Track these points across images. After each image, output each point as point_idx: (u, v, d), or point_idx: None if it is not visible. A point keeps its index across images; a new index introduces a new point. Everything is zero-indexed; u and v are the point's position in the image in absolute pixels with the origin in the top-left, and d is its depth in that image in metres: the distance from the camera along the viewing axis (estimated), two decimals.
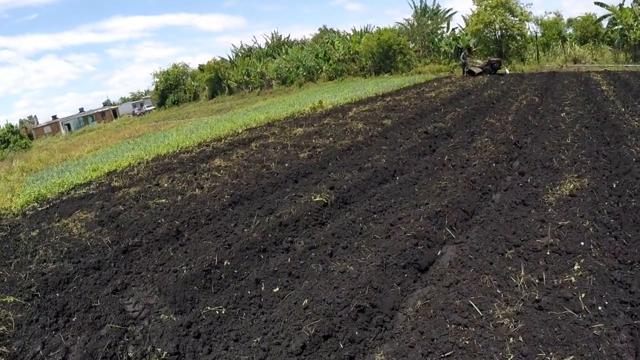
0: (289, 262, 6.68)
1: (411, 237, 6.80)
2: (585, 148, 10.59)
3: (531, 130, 13.94)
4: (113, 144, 30.45)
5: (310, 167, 12.09)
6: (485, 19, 41.78)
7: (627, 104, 16.42)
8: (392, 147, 13.38)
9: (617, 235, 6.39)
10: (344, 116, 20.84)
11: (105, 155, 21.96)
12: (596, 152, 10.37)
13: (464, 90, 25.89)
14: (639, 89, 20.15)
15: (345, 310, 5.16)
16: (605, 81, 25.36)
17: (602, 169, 9.23)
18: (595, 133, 12.36)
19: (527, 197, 7.98)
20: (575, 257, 5.71)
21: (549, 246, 6.03)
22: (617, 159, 9.73)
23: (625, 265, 5.58)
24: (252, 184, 11.19)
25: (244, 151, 15.82)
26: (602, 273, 5.28)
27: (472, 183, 9.11)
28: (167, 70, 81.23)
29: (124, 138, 34.72)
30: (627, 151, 9.87)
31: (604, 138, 11.81)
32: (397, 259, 6.27)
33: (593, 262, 5.47)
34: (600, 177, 8.73)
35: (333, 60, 57.82)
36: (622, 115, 14.26)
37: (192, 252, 7.59)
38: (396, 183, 9.97)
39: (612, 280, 5.22)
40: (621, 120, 13.29)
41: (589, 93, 20.76)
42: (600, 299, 4.83)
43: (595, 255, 5.70)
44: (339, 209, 8.96)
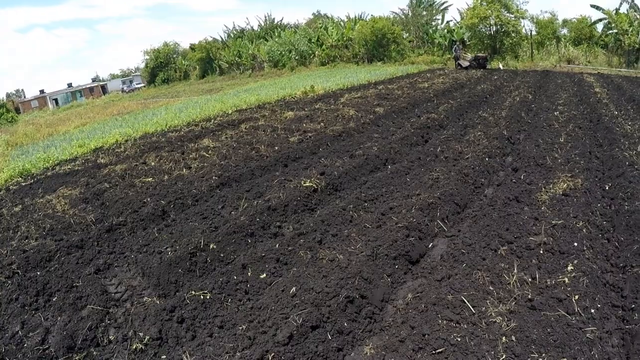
0: (277, 247, 6.53)
1: (402, 228, 6.69)
2: (578, 148, 10.51)
3: (524, 127, 13.88)
4: (100, 120, 30.18)
5: (300, 152, 11.98)
6: (480, 14, 41.76)
7: (620, 108, 16.40)
8: (384, 135, 13.27)
9: (609, 237, 6.34)
10: (336, 102, 20.72)
11: (92, 132, 21.71)
12: (589, 153, 10.32)
13: (457, 83, 25.84)
14: (632, 93, 20.16)
15: (335, 300, 5.06)
16: (599, 84, 25.43)
17: (595, 170, 9.19)
18: (589, 134, 12.32)
19: (521, 193, 7.89)
20: (569, 257, 5.62)
21: (543, 245, 5.94)
22: (610, 161, 9.70)
23: (618, 269, 5.53)
24: (240, 166, 11.06)
25: (234, 132, 15.64)
26: (594, 275, 5.19)
27: (465, 176, 9.01)
28: (158, 48, 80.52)
29: (112, 115, 34.36)
30: (620, 154, 9.83)
31: (597, 140, 11.79)
32: (388, 249, 6.17)
33: (586, 264, 5.38)
34: (593, 178, 8.68)
35: (326, 45, 57.70)
36: (616, 118, 14.22)
37: (177, 234, 7.42)
38: (388, 172, 9.85)
39: (604, 283, 5.15)
40: (614, 123, 13.25)
41: (582, 94, 20.77)
42: (593, 301, 4.75)
43: (588, 256, 5.62)
44: (329, 195, 8.86)
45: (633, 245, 5.91)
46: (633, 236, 6.17)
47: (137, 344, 4.90)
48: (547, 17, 45.92)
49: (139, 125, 20.35)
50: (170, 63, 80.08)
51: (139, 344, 4.91)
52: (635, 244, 5.90)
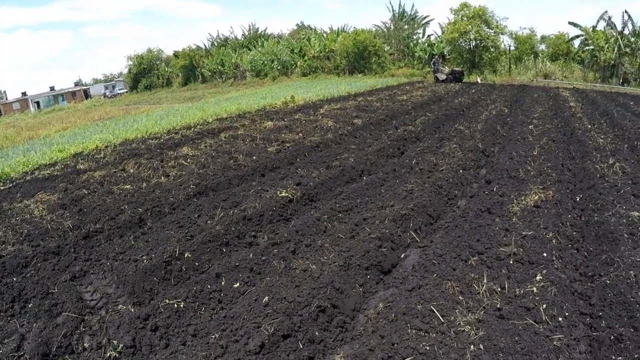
0: (251, 257, 6.55)
1: (375, 239, 6.76)
2: (551, 161, 10.73)
3: (499, 139, 14.09)
4: (82, 125, 29.87)
5: (278, 162, 11.99)
6: (461, 29, 42.30)
7: (593, 122, 16.75)
8: (361, 147, 13.40)
9: (579, 247, 6.51)
10: (315, 113, 20.75)
11: (73, 136, 21.41)
12: (562, 165, 10.54)
13: (436, 96, 26.13)
14: (605, 107, 20.62)
15: (306, 310, 5.09)
16: (574, 98, 25.92)
17: (567, 182, 9.40)
18: (562, 147, 12.57)
19: (493, 205, 8.02)
20: (538, 267, 5.73)
21: (512, 255, 6.05)
22: (581, 173, 9.92)
23: (586, 278, 5.67)
24: (218, 175, 11.05)
25: (213, 141, 15.59)
26: (563, 285, 5.31)
27: (439, 188, 9.13)
28: (142, 54, 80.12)
29: (94, 120, 34.18)
30: (592, 167, 10.07)
31: (570, 152, 12.03)
32: (360, 260, 6.22)
33: (555, 274, 5.49)
34: (564, 190, 8.88)
35: (308, 56, 57.87)
36: (589, 131, 14.54)
37: (153, 242, 7.42)
38: (363, 183, 9.92)
39: (572, 292, 5.28)
40: (587, 137, 13.54)
41: (557, 108, 21.17)
42: (561, 310, 4.86)
43: (557, 266, 5.75)
44: (304, 206, 8.91)
45: (601, 255, 6.07)
46: (602, 246, 6.34)
47: (111, 351, 4.88)
48: (526, 33, 46.77)
49: (120, 131, 20.16)
50: (154, 69, 79.65)
51: (112, 352, 4.88)
52: (603, 254, 6.05)
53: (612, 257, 5.87)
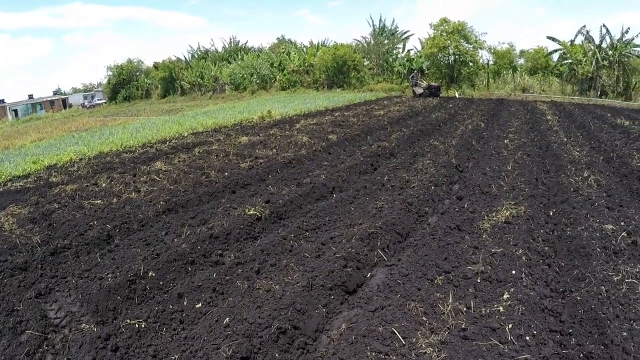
0: (214, 277, 6.43)
1: (340, 259, 6.64)
2: (525, 175, 10.70)
3: (474, 154, 14.05)
4: (58, 136, 29.67)
5: (249, 178, 11.87)
6: (440, 44, 42.58)
7: (569, 134, 16.85)
8: (334, 163, 13.30)
9: (550, 263, 6.44)
10: (291, 128, 20.71)
11: (48, 147, 21.22)
12: (535, 179, 10.52)
13: (413, 111, 26.22)
14: (582, 120, 20.81)
15: (267, 331, 4.97)
16: (551, 111, 26.16)
17: (541, 196, 9.37)
18: (537, 161, 12.58)
19: (463, 222, 7.92)
20: (506, 285, 5.65)
21: (480, 274, 5.94)
22: (555, 187, 9.89)
23: (557, 294, 5.59)
24: (189, 191, 10.93)
25: (187, 156, 15.47)
26: (532, 302, 5.23)
27: (409, 205, 9.03)
28: (122, 64, 79.28)
29: (70, 131, 33.90)
30: (566, 180, 10.06)
31: (545, 166, 12.02)
32: (324, 279, 6.09)
33: (523, 291, 5.41)
34: (537, 204, 8.84)
35: (287, 70, 57.87)
36: (564, 145, 14.59)
37: (119, 260, 7.29)
38: (332, 201, 9.78)
39: (542, 309, 5.19)
40: (563, 150, 13.58)
41: (534, 122, 21.30)
42: (529, 328, 4.77)
43: (526, 284, 5.66)
44: (273, 224, 8.77)
45: (573, 270, 6.01)
46: (573, 261, 6.29)
47: None
48: (505, 47, 47.28)
49: (95, 143, 19.99)
50: (133, 80, 78.90)
51: None
52: (575, 269, 6.00)
53: (583, 272, 5.83)
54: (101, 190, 11.48)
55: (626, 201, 8.62)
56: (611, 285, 5.41)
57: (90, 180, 12.70)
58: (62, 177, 13.51)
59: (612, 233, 6.97)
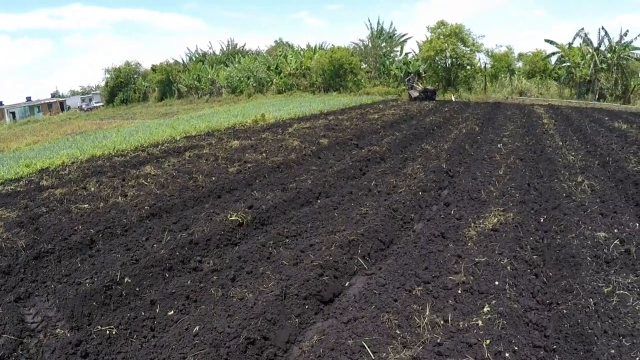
0: (189, 284, 6.28)
1: (317, 267, 6.41)
2: (516, 180, 10.42)
3: (466, 159, 13.78)
4: (53, 139, 29.88)
5: (236, 183, 11.73)
6: (437, 47, 42.36)
7: (565, 138, 16.59)
8: (322, 168, 13.09)
9: (538, 273, 6.19)
10: (283, 132, 20.58)
11: (42, 151, 21.31)
12: (527, 185, 10.25)
13: (408, 115, 26.03)
14: (579, 124, 20.54)
15: (235, 342, 4.82)
16: (548, 114, 25.97)
17: (532, 202, 9.12)
18: (530, 166, 12.32)
19: (448, 229, 7.64)
20: (487, 297, 5.39)
21: (461, 284, 5.67)
22: (547, 192, 9.61)
23: (543, 306, 5.34)
24: (175, 196, 10.81)
25: (177, 160, 15.39)
26: (514, 315, 4.97)
27: (394, 211, 8.76)
28: (119, 67, 78.88)
29: (66, 134, 34.12)
30: (559, 185, 9.78)
31: (538, 171, 11.78)
32: (299, 288, 5.89)
33: (506, 304, 5.14)
34: (527, 211, 8.57)
35: (284, 73, 57.67)
36: (560, 149, 14.33)
37: (99, 265, 7.19)
38: (316, 207, 9.55)
39: (526, 323, 4.94)
40: (557, 154, 13.32)
41: (530, 125, 21.05)
42: (509, 344, 4.50)
43: (509, 295, 5.39)
44: (255, 230, 8.58)
45: (561, 281, 5.77)
46: (562, 271, 6.04)
47: None
48: (503, 50, 47.06)
49: (88, 147, 20.00)
50: (130, 83, 78.63)
51: None
52: (563, 280, 5.75)
53: (571, 283, 5.58)
54: (89, 195, 11.42)
55: (620, 207, 8.32)
56: (601, 298, 5.15)
57: (80, 184, 12.67)
58: (52, 180, 13.46)
59: (605, 241, 6.70)
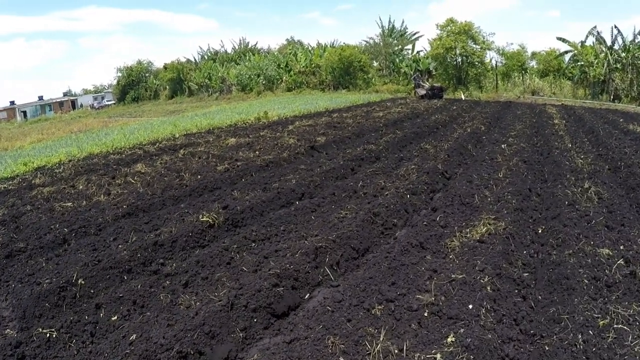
0: (139, 288, 5.94)
1: (273, 276, 5.81)
2: (515, 185, 9.62)
3: (466, 160, 13.02)
4: (58, 137, 29.62)
5: (220, 182, 11.36)
6: (446, 44, 41.49)
7: (575, 140, 15.74)
8: (311, 167, 12.51)
9: (526, 294, 5.40)
10: (283, 129, 20.23)
11: (44, 149, 21.12)
12: (528, 190, 9.46)
13: (414, 113, 25.39)
14: (592, 125, 19.60)
15: (166, 355, 4.47)
16: (560, 115, 25.07)
17: (531, 210, 8.36)
18: (533, 168, 11.55)
19: (429, 238, 6.91)
20: (456, 323, 4.65)
21: (429, 306, 4.98)
22: (549, 199, 8.82)
23: (527, 337, 4.57)
24: (157, 194, 10.56)
25: (169, 158, 15.18)
26: (485, 349, 4.20)
27: (374, 216, 8.08)
28: (131, 66, 79.51)
29: (72, 132, 33.96)
30: (563, 192, 8.97)
31: (542, 174, 11.02)
32: (249, 299, 5.35)
33: (476, 334, 4.38)
34: (524, 220, 7.80)
35: (294, 71, 57.21)
36: (568, 151, 13.48)
37: (62, 265, 6.90)
38: (292, 209, 8.94)
39: (501, 357, 4.18)
40: (565, 157, 12.51)
41: (539, 125, 20.16)
42: None
43: (484, 323, 4.61)
44: (226, 232, 8.14)
45: (550, 307, 5.03)
46: (553, 294, 5.27)
47: None
48: (516, 49, 46.09)
49: (88, 145, 19.83)
50: (142, 82, 78.96)
51: None
52: (552, 306, 4.99)
53: (561, 311, 4.82)
54: (75, 193, 11.29)
55: (629, 219, 7.42)
56: (594, 332, 4.39)
57: (69, 182, 12.54)
58: (45, 178, 13.36)
59: (607, 260, 5.88)
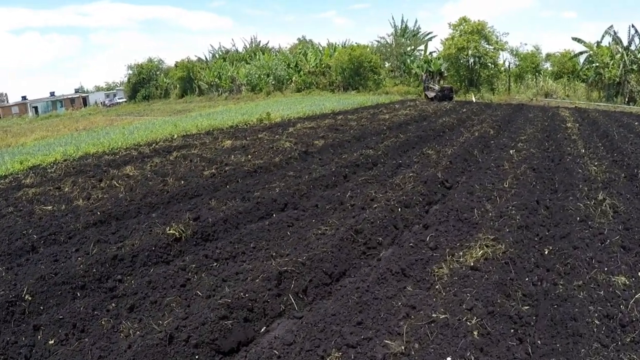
0: (82, 310, 5.41)
1: (223, 306, 5.00)
2: (522, 196, 8.65)
3: (471, 167, 12.07)
4: (62, 135, 29.58)
5: (202, 189, 10.68)
6: (459, 44, 40.41)
7: (589, 145, 14.70)
8: (301, 173, 11.63)
9: (523, 336, 4.48)
10: (283, 132, 19.58)
11: (45, 147, 20.83)
12: (536, 202, 8.51)
13: (421, 116, 24.55)
14: (606, 128, 18.49)
15: None
16: (573, 118, 23.99)
17: (537, 226, 7.41)
18: (543, 177, 10.62)
19: (413, 263, 5.96)
20: None
21: (397, 356, 4.00)
22: (559, 214, 7.83)
23: None
24: (136, 200, 9.90)
25: (160, 160, 14.57)
26: None
27: (356, 234, 7.13)
28: (142, 63, 79.10)
29: (77, 130, 33.89)
30: (573, 205, 7.96)
31: (552, 184, 10.08)
32: (191, 332, 4.61)
33: None
34: (528, 239, 6.82)
35: (304, 71, 56.34)
36: (581, 157, 12.45)
37: (21, 276, 6.45)
38: (266, 223, 8.03)
39: None
40: (577, 164, 11.50)
41: (552, 129, 19.08)
42: None
43: None
44: (195, 246, 7.41)
45: (550, 357, 3.96)
46: (555, 340, 4.33)
47: None
48: (530, 50, 45.13)
49: (85, 144, 19.45)
50: (152, 80, 78.56)
51: None
52: (553, 356, 3.95)
53: None
54: (59, 196, 10.91)
55: None
56: None
57: (56, 184, 12.19)
58: (35, 179, 13.01)
59: (623, 291, 4.88)
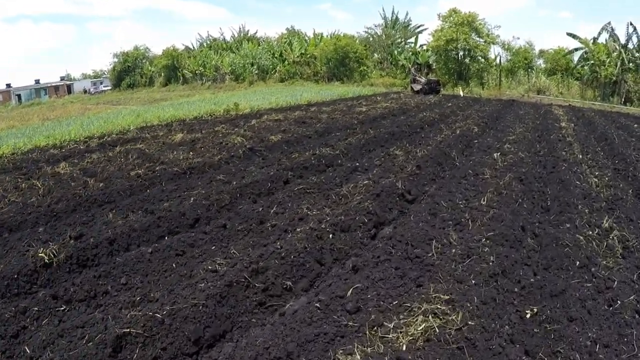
0: None
1: None
2: (503, 221, 6.55)
3: (444, 173, 10.17)
4: (29, 125, 28.37)
5: (116, 194, 9.16)
6: (447, 36, 38.72)
7: (587, 149, 12.73)
8: (233, 177, 9.76)
9: None
10: (245, 124, 17.84)
11: (4, 138, 19.42)
12: (521, 229, 6.39)
13: (401, 109, 22.90)
14: (604, 130, 16.57)
15: None
16: (567, 117, 22.15)
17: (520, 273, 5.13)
18: (532, 191, 8.55)
19: (305, 344, 3.85)
20: None
21: None
22: (551, 249, 5.73)
23: None
24: (42, 207, 8.45)
25: (98, 156, 13.01)
26: None
27: (254, 275, 5.10)
28: (127, 51, 77.55)
29: (48, 119, 32.71)
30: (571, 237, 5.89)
31: (544, 200, 7.98)
32: None
33: None
34: (504, 297, 4.63)
35: (288, 61, 54.76)
36: (578, 164, 10.51)
37: None
38: (149, 250, 6.11)
39: None
40: (574, 173, 9.59)
41: (544, 129, 17.06)
42: None
43: None
44: (68, 273, 5.93)
45: None
46: None
47: None
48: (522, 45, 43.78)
49: (40, 136, 17.98)
50: (138, 68, 77.13)
51: None
52: None
53: None
54: None
55: None
56: None
57: None
58: None
59: None
